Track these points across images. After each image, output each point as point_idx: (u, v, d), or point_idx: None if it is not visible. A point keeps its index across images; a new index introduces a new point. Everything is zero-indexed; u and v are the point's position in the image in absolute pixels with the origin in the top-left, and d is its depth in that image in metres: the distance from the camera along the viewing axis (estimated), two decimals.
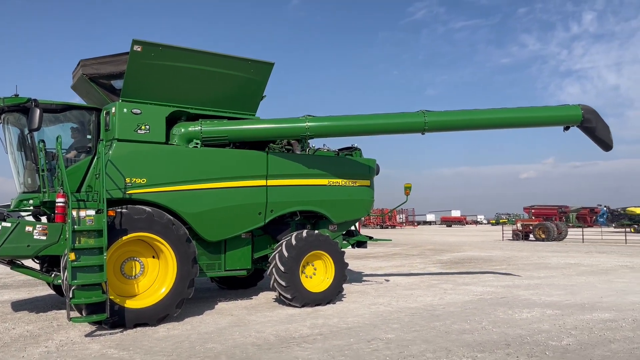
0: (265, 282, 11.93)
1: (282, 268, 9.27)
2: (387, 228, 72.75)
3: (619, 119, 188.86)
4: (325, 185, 10.60)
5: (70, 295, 7.10)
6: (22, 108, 8.36)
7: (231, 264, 9.80)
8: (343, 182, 10.84)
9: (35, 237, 7.91)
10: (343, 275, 10.00)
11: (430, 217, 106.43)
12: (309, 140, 11.10)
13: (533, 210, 69.45)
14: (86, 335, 7.31)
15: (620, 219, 56.98)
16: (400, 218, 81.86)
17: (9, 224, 7.78)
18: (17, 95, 8.36)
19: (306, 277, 9.68)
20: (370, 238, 12.20)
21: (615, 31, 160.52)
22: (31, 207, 8.91)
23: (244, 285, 12.00)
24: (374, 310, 9.12)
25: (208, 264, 9.52)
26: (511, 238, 38.62)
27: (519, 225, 40.15)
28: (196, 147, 9.18)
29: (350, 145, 11.89)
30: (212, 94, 9.56)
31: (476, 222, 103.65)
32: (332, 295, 9.82)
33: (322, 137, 10.38)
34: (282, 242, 9.60)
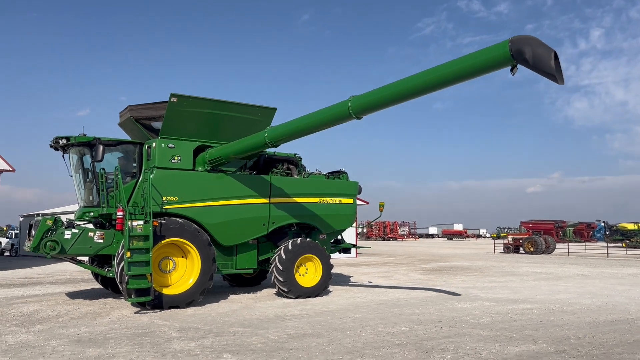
0: (267, 282, 14.60)
1: (280, 267, 11.92)
2: (389, 240, 75.03)
3: (627, 134, 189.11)
4: (316, 202, 13.31)
5: (126, 282, 9.79)
6: (87, 143, 11.15)
7: (241, 264, 12.49)
8: (331, 200, 13.55)
9: (95, 240, 10.71)
10: (329, 274, 12.65)
11: (432, 230, 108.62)
12: (303, 164, 13.85)
13: (530, 225, 71.85)
14: (135, 313, 10.01)
15: (614, 234, 59.04)
16: (402, 231, 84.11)
17: (77, 231, 10.57)
18: (84, 135, 11.15)
19: (299, 275, 12.32)
20: (354, 246, 14.89)
21: (623, 47, 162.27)
22: (88, 219, 11.68)
23: (250, 283, 14.68)
24: (352, 301, 11.74)
25: (223, 263, 12.19)
26: (502, 251, 40.92)
27: (510, 238, 42.56)
28: (207, 169, 11.81)
29: (339, 170, 14.60)
30: (228, 131, 12.28)
31: (478, 236, 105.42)
32: (320, 289, 12.46)
33: (280, 142, 10.88)
34: (281, 247, 12.26)
